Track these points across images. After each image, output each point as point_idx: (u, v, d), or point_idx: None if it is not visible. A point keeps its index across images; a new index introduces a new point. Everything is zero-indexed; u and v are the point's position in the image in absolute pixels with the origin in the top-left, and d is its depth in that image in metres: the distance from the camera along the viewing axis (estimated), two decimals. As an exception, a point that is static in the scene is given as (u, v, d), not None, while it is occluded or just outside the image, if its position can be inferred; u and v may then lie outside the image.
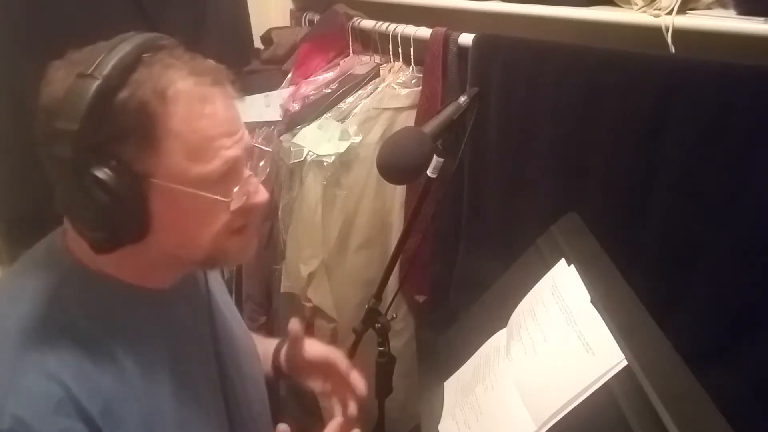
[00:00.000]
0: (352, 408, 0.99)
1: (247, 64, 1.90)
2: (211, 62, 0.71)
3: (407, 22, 1.51)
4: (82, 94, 0.61)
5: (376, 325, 1.25)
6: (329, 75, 1.72)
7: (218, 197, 0.69)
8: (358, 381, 0.99)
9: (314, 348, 1.01)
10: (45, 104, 0.64)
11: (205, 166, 0.67)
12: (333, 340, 1.67)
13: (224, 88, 0.70)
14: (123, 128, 0.63)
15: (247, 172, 0.73)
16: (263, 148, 1.35)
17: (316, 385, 1.02)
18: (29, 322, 0.67)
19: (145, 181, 0.65)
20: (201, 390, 0.80)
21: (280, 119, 1.72)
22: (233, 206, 0.71)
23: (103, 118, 0.61)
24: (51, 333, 0.67)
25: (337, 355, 1.00)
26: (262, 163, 1.72)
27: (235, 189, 0.70)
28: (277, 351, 1.03)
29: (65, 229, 0.75)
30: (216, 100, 0.68)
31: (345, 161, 1.55)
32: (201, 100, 0.67)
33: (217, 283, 0.94)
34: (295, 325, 0.93)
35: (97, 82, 0.61)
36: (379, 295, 1.28)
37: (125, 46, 0.64)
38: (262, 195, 0.74)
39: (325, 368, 1.00)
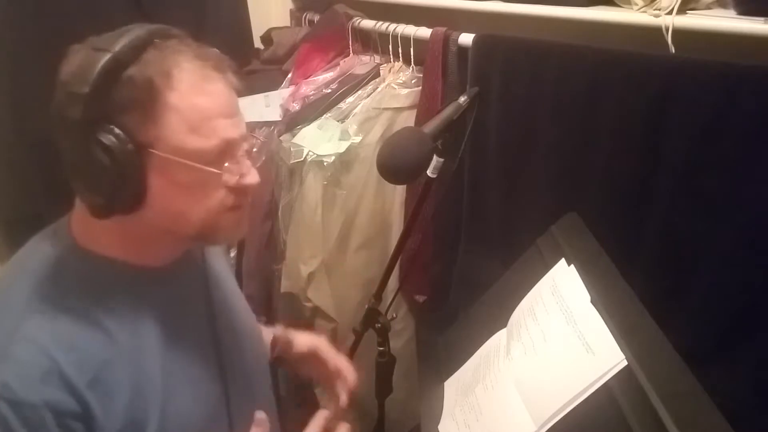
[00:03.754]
0: (343, 397, 1.03)
1: (247, 64, 1.90)
2: (215, 51, 0.76)
3: (407, 22, 1.51)
4: (94, 63, 0.67)
5: (376, 325, 1.25)
6: (329, 75, 1.72)
7: (211, 169, 0.73)
8: (345, 368, 1.03)
9: (301, 340, 1.07)
10: (62, 78, 0.69)
11: (202, 140, 0.71)
12: (333, 340, 1.67)
13: (225, 75, 0.75)
14: (128, 99, 0.68)
15: (242, 153, 0.77)
16: (258, 138, 1.39)
17: (310, 374, 1.09)
18: (28, 295, 0.72)
19: (144, 151, 0.70)
20: (193, 363, 0.83)
21: (280, 119, 1.73)
22: (225, 180, 0.75)
23: (111, 88, 0.67)
24: (47, 307, 0.72)
25: (320, 345, 1.05)
26: (255, 149, 1.72)
27: (226, 164, 0.74)
28: (274, 341, 1.07)
29: (71, 215, 0.80)
30: (217, 82, 0.73)
31: (345, 161, 1.55)
32: (202, 79, 0.72)
33: (219, 261, 0.97)
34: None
35: (108, 55, 0.67)
36: (379, 295, 1.28)
37: (140, 30, 0.71)
38: (253, 177, 0.78)
39: (314, 358, 1.05)
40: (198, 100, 0.71)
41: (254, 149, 1.71)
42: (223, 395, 0.85)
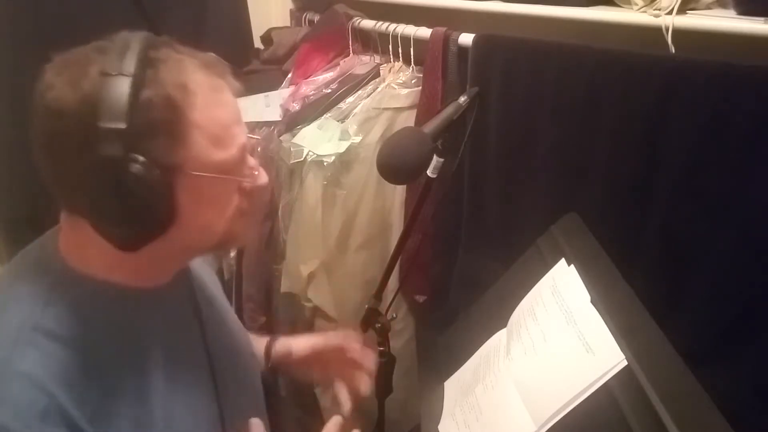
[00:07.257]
0: (365, 387, 1.03)
1: (247, 64, 1.90)
2: (211, 54, 0.73)
3: (407, 22, 1.51)
4: (119, 92, 0.62)
5: (376, 325, 1.25)
6: (329, 75, 1.72)
7: (236, 177, 0.73)
8: (369, 359, 1.04)
9: (300, 345, 1.05)
10: (56, 107, 0.64)
11: (224, 151, 0.71)
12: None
13: (228, 80, 0.74)
14: (152, 124, 0.64)
15: (250, 157, 0.77)
16: (253, 136, 1.41)
17: (311, 376, 1.06)
18: (19, 329, 0.67)
19: (173, 173, 0.67)
20: (192, 386, 0.81)
21: (280, 119, 1.72)
22: (245, 185, 0.75)
23: (136, 116, 0.63)
24: (40, 340, 0.67)
25: (349, 339, 1.05)
26: (259, 149, 1.73)
27: (255, 172, 0.76)
28: (269, 347, 1.05)
29: (57, 232, 0.76)
30: (225, 90, 0.72)
31: (345, 161, 1.55)
32: (215, 90, 0.70)
33: (207, 275, 0.95)
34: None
35: (128, 79, 0.63)
36: (379, 295, 1.28)
37: (132, 44, 0.65)
38: (264, 177, 0.78)
39: (329, 355, 1.04)
40: (215, 112, 0.69)
41: (258, 149, 1.72)
42: (218, 415, 0.83)
